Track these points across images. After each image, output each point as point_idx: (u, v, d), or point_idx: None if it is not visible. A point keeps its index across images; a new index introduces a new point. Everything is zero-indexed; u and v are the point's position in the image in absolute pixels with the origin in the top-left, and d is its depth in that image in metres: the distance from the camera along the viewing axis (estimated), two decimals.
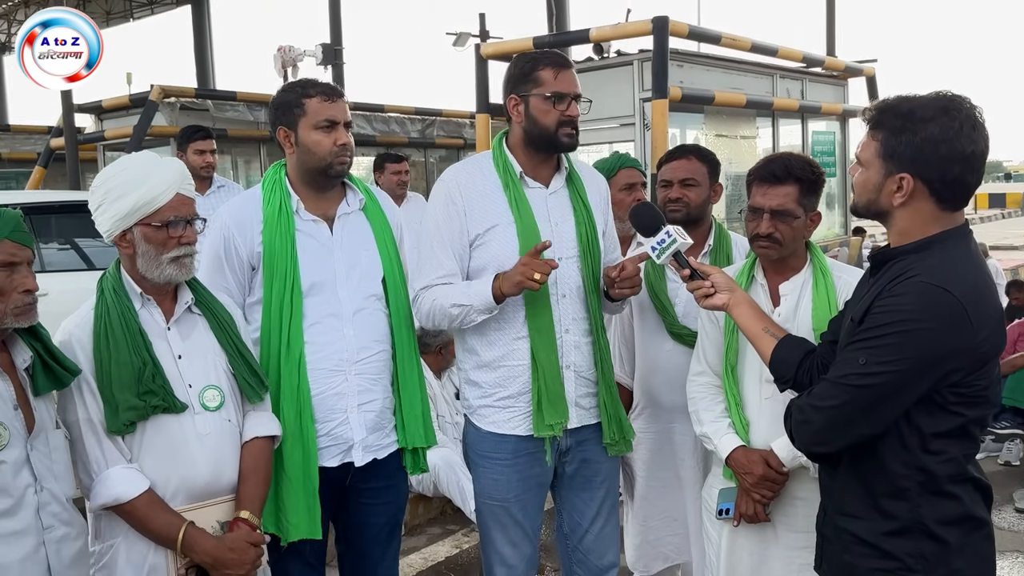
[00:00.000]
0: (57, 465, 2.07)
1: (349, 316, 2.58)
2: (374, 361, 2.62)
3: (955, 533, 1.85)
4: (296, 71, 10.97)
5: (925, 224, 1.85)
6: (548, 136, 2.59)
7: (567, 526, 2.80)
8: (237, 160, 10.06)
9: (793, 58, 8.23)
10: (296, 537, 2.48)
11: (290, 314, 2.51)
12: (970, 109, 1.81)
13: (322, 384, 2.55)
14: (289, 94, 2.61)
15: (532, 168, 2.65)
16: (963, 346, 1.76)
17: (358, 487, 2.65)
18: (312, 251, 2.57)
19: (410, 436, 2.68)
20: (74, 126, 9.36)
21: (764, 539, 2.54)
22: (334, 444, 2.58)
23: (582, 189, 2.71)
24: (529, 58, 2.65)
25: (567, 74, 2.59)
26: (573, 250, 2.64)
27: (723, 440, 2.55)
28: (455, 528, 4.90)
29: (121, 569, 2.19)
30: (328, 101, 2.57)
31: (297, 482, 2.49)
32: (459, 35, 19.28)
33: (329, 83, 2.66)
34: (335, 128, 2.56)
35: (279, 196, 2.58)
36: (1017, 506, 4.99)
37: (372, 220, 2.69)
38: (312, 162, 2.57)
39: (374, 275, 2.64)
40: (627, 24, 7.04)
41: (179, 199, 2.26)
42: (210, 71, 15.72)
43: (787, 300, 2.52)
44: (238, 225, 2.58)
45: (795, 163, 2.49)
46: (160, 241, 2.23)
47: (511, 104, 2.63)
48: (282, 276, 2.52)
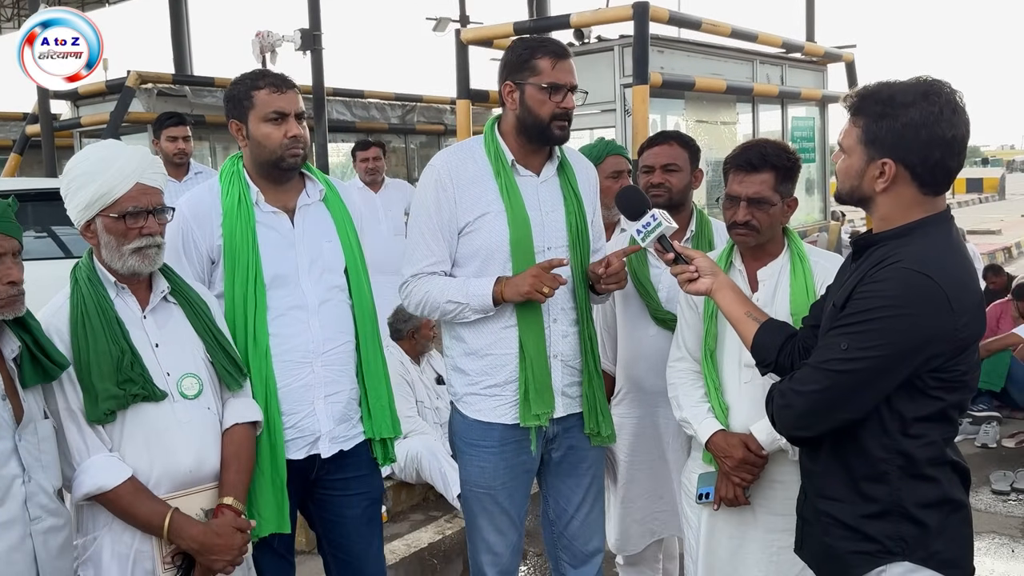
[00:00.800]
0: (45, 455, 2.05)
1: (315, 308, 2.57)
2: (340, 352, 2.61)
3: (934, 516, 1.87)
4: (275, 56, 10.85)
5: (907, 209, 1.86)
6: (541, 127, 2.56)
7: (553, 512, 2.81)
8: (215, 146, 9.98)
9: (773, 44, 8.25)
10: (266, 532, 2.46)
11: (255, 307, 2.48)
12: (950, 94, 1.82)
13: (289, 376, 2.53)
14: (238, 86, 2.56)
15: (523, 156, 2.63)
16: (944, 332, 1.77)
17: (326, 479, 2.64)
18: (273, 243, 2.54)
19: (377, 426, 2.67)
20: (50, 112, 9.25)
21: (743, 522, 2.56)
22: (300, 436, 2.56)
23: (573, 178, 2.69)
24: (527, 45, 2.60)
25: (565, 64, 2.56)
26: (563, 240, 2.63)
27: (703, 425, 2.56)
28: (438, 515, 4.91)
29: (107, 562, 2.18)
30: (277, 92, 2.52)
31: (265, 476, 2.46)
32: (439, 20, 19.16)
33: (279, 73, 2.60)
34: (285, 120, 2.51)
35: (238, 188, 2.54)
36: (994, 488, 5.06)
37: (333, 211, 2.66)
38: (263, 155, 2.54)
39: (336, 266, 2.62)
40: (608, 9, 7.04)
41: (140, 189, 2.20)
42: (187, 57, 15.52)
43: (765, 285, 2.54)
44: (196, 218, 2.53)
45: (771, 150, 2.50)
46: (120, 232, 2.19)
47: (506, 90, 2.60)
48: (244, 269, 2.48)
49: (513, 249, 2.56)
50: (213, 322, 2.35)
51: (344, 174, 10.48)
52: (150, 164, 2.26)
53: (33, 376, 2.03)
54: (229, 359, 2.34)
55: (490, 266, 2.58)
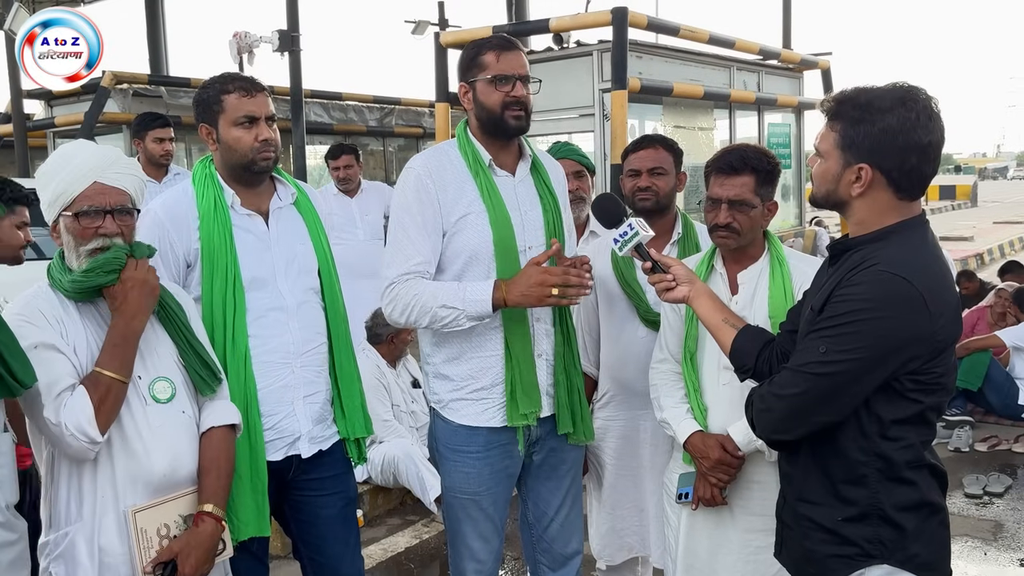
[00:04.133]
0: (2, 469, 2.01)
1: (293, 309, 2.57)
2: (317, 353, 2.63)
3: (912, 519, 1.88)
4: (252, 57, 10.81)
5: (883, 214, 1.88)
6: (495, 119, 2.55)
7: (532, 515, 2.79)
8: (191, 148, 9.91)
9: (750, 51, 8.31)
10: (246, 536, 2.44)
11: (233, 309, 2.48)
12: (926, 100, 1.84)
13: (269, 377, 2.53)
14: (208, 90, 2.55)
15: (495, 155, 2.63)
16: (921, 334, 1.79)
17: (301, 480, 2.63)
18: (250, 246, 2.54)
19: (351, 426, 2.69)
20: (23, 112, 9.16)
21: (721, 522, 2.58)
22: (279, 437, 2.56)
23: (547, 177, 2.70)
24: (474, 44, 2.61)
25: (510, 55, 2.55)
26: (541, 238, 2.63)
27: (681, 425, 2.58)
28: (415, 519, 4.89)
29: (80, 558, 2.12)
30: (247, 96, 2.51)
31: (245, 479, 2.45)
32: (418, 23, 19.14)
33: (249, 76, 2.61)
34: (255, 124, 2.50)
35: (212, 191, 2.53)
36: (967, 491, 5.11)
37: (304, 214, 2.67)
38: (234, 159, 2.53)
39: (311, 268, 2.63)
40: (587, 14, 7.06)
41: (97, 188, 2.14)
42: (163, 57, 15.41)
43: (744, 288, 2.56)
44: (173, 221, 2.50)
45: (751, 154, 2.52)
46: (76, 231, 2.14)
47: (462, 92, 2.62)
48: (223, 271, 2.47)
49: (496, 249, 2.54)
50: (187, 325, 2.31)
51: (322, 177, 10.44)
52: (112, 163, 2.19)
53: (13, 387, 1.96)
54: (202, 363, 2.30)
55: (473, 267, 2.56)
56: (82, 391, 2.05)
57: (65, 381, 2.07)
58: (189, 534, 2.19)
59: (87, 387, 2.06)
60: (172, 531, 2.18)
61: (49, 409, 2.04)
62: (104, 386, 2.07)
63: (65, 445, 2.06)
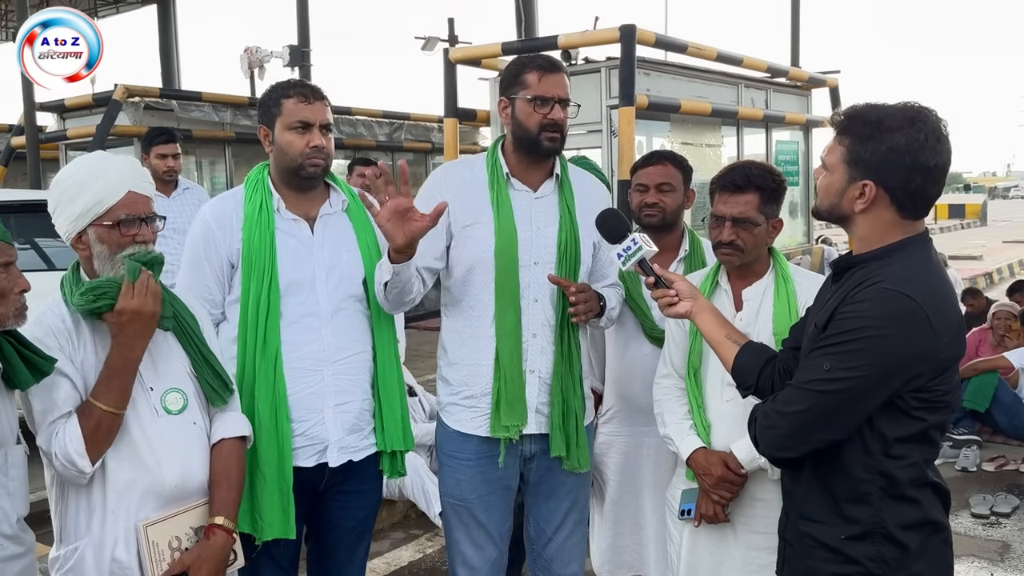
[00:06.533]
0: (13, 482, 2.00)
1: (328, 316, 2.57)
2: (352, 362, 2.61)
3: (915, 537, 1.87)
4: (263, 72, 10.89)
5: (885, 231, 1.88)
6: (531, 139, 2.59)
7: (532, 531, 2.80)
8: (202, 161, 9.98)
9: (758, 68, 8.34)
10: (270, 536, 2.46)
11: (267, 312, 2.50)
12: (936, 121, 1.84)
13: (298, 383, 2.54)
14: (270, 93, 2.61)
15: (522, 171, 2.66)
16: (925, 352, 1.79)
17: (332, 488, 2.64)
18: (291, 250, 2.56)
19: (389, 439, 2.66)
20: (35, 124, 9.22)
21: (724, 539, 2.57)
22: (310, 444, 2.56)
23: (571, 197, 2.69)
24: (519, 61, 2.66)
25: (552, 78, 2.59)
26: (550, 256, 2.64)
27: (684, 441, 2.58)
28: (419, 533, 4.88)
29: (91, 572, 2.13)
30: (304, 102, 2.55)
31: (272, 480, 2.47)
32: (428, 39, 19.22)
33: (311, 84, 2.64)
34: (309, 130, 2.54)
35: (260, 194, 2.57)
36: (973, 511, 5.08)
37: (355, 221, 2.67)
38: (285, 162, 2.56)
39: (355, 276, 2.62)
40: (595, 32, 7.10)
41: (132, 197, 2.18)
42: (175, 71, 15.54)
43: (749, 305, 2.56)
44: (218, 222, 2.56)
45: (755, 171, 2.53)
46: (114, 240, 2.16)
47: (501, 106, 2.66)
48: (260, 274, 2.50)
49: (497, 260, 2.57)
50: (200, 337, 2.32)
51: None
52: (140, 173, 2.25)
53: (29, 377, 1.98)
54: (214, 374, 2.31)
55: (475, 274, 2.61)
56: (74, 422, 2.07)
57: (61, 409, 2.08)
58: (200, 547, 2.19)
59: (79, 417, 2.07)
60: (183, 543, 2.19)
61: (42, 436, 2.07)
62: (96, 419, 2.07)
63: (56, 471, 2.09)
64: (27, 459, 2.08)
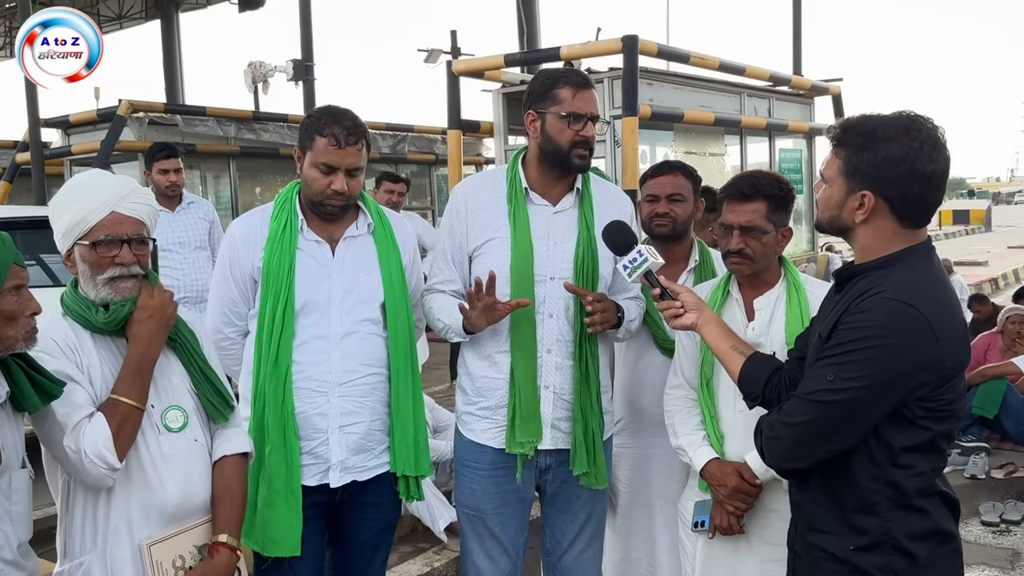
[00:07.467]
0: (16, 507, 1.99)
1: (337, 339, 2.56)
2: (360, 384, 2.59)
3: (924, 547, 1.86)
4: (267, 87, 10.93)
5: (887, 241, 1.88)
6: (561, 155, 2.60)
7: (548, 542, 2.81)
8: (206, 175, 10.00)
9: (760, 77, 8.35)
10: (274, 554, 2.46)
11: (280, 331, 2.51)
12: (931, 129, 1.84)
13: (305, 403, 2.55)
14: (310, 122, 2.56)
15: (543, 185, 2.66)
16: (929, 361, 1.78)
17: (348, 500, 2.64)
18: (310, 271, 2.56)
19: (400, 463, 2.63)
20: (40, 140, 9.26)
21: (738, 551, 2.56)
22: (315, 463, 2.57)
23: (590, 212, 2.67)
24: (550, 75, 2.66)
25: (585, 94, 2.60)
26: (567, 271, 2.62)
27: (698, 452, 2.57)
28: (426, 546, 4.86)
29: None
30: (335, 147, 2.49)
31: (280, 497, 2.47)
32: (431, 52, 19.29)
33: (349, 125, 2.53)
34: (334, 172, 2.51)
35: (287, 213, 2.59)
36: (983, 519, 5.05)
37: (379, 243, 2.66)
38: (308, 193, 2.58)
39: (373, 299, 2.61)
40: (597, 42, 7.11)
41: (115, 217, 2.14)
42: (179, 86, 15.62)
43: (761, 315, 2.56)
44: (243, 237, 2.60)
45: (763, 180, 2.54)
46: (93, 261, 2.14)
47: (528, 119, 2.65)
48: (276, 292, 2.52)
49: (512, 275, 2.58)
50: (200, 354, 2.31)
51: None
52: (129, 193, 2.20)
53: (37, 400, 1.97)
54: (215, 392, 2.30)
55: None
56: (100, 418, 2.06)
57: (83, 410, 2.07)
58: (205, 565, 2.18)
59: (105, 414, 2.07)
60: (187, 562, 2.17)
61: (69, 438, 2.05)
62: (122, 414, 2.07)
63: (84, 473, 2.06)
64: (32, 483, 2.07)
